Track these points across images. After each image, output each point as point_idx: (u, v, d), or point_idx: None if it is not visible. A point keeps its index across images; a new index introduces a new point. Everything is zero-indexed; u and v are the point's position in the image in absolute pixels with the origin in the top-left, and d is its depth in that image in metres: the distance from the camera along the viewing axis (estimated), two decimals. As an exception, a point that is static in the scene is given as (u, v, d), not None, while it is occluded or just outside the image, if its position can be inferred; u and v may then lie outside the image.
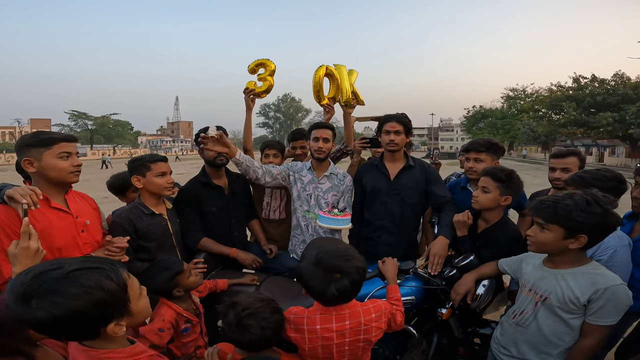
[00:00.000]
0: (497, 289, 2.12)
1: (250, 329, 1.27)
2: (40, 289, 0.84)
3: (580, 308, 1.44)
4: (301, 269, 1.34)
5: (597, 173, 1.87)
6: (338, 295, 1.29)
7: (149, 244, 2.04)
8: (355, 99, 2.89)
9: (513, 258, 1.80)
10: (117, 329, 0.93)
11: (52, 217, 1.61)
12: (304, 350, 1.38)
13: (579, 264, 1.48)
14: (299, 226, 2.54)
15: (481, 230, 2.07)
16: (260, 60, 2.64)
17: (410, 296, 1.87)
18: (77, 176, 1.70)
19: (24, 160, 1.60)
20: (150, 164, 2.08)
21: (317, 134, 2.49)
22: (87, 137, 60.67)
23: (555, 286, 1.48)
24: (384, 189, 2.42)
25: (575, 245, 1.41)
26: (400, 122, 2.36)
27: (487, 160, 2.32)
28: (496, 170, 1.99)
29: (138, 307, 0.99)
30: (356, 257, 1.34)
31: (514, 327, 1.63)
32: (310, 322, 1.36)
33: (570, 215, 1.38)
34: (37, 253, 1.31)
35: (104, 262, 0.95)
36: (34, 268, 0.88)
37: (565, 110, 27.65)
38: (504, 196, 1.95)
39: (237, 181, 2.63)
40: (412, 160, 2.45)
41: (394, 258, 1.82)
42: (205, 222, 2.42)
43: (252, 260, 2.41)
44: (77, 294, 0.85)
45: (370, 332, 1.40)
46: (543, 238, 1.46)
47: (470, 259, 1.92)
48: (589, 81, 28.00)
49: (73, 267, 0.88)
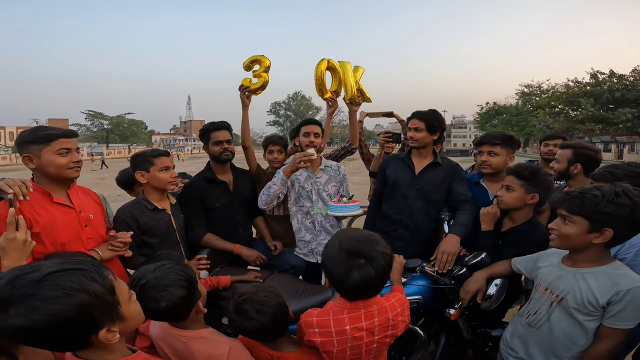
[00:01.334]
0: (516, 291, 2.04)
1: (248, 313, 1.28)
2: (16, 294, 0.76)
3: (598, 310, 1.36)
4: (324, 255, 1.27)
5: (628, 168, 1.80)
6: (361, 283, 1.18)
7: (152, 239, 2.03)
8: (361, 96, 2.82)
9: (527, 257, 1.72)
10: (109, 336, 0.85)
11: (55, 212, 1.60)
12: (331, 353, 1.29)
13: (601, 262, 1.39)
14: (301, 229, 2.53)
15: (506, 229, 1.98)
16: (255, 56, 2.59)
17: (417, 295, 1.80)
18: (76, 172, 1.68)
19: (24, 156, 1.60)
20: (153, 158, 2.07)
21: (307, 129, 2.52)
22: (103, 137, 61.96)
23: (574, 286, 1.40)
24: (407, 182, 2.32)
25: (599, 240, 1.33)
26: (422, 119, 2.27)
27: (501, 154, 2.21)
28: (520, 167, 1.90)
29: (130, 311, 0.91)
30: (382, 243, 1.25)
31: (526, 328, 1.56)
32: (337, 322, 1.26)
33: (596, 207, 1.30)
34: (25, 244, 1.29)
35: (85, 263, 0.86)
36: (8, 273, 0.81)
37: (582, 106, 27.10)
38: (530, 194, 1.85)
39: (242, 177, 2.61)
40: (441, 159, 2.35)
41: (401, 255, 1.75)
42: (210, 218, 2.41)
43: (256, 256, 2.39)
44: (57, 297, 0.77)
45: (397, 327, 1.34)
46: (566, 231, 1.38)
47: (482, 257, 1.84)
48: (607, 77, 27.40)
49: (51, 270, 0.80)
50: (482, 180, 2.34)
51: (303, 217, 2.53)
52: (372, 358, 1.36)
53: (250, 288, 1.38)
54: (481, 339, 2.01)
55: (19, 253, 1.26)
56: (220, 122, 2.49)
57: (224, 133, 2.45)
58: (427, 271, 1.87)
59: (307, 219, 2.51)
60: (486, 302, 1.77)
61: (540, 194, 1.86)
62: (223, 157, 2.43)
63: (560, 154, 2.24)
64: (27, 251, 1.29)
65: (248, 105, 2.65)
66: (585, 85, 28.93)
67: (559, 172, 2.26)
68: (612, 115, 25.19)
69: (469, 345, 1.97)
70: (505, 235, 1.97)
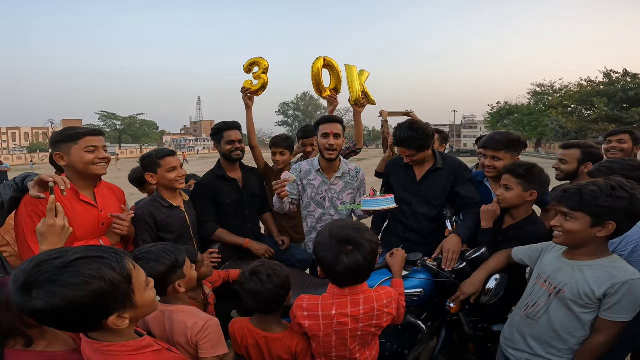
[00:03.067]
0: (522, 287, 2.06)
1: (259, 275, 1.49)
2: (40, 278, 0.81)
3: (594, 302, 1.39)
4: (316, 243, 1.40)
5: (624, 162, 1.84)
6: (350, 268, 1.29)
7: (169, 235, 2.11)
8: (366, 98, 2.85)
9: (533, 246, 1.72)
10: (119, 322, 0.89)
11: (79, 209, 1.71)
12: (318, 337, 1.40)
13: (599, 256, 1.42)
14: (312, 231, 2.51)
15: (507, 226, 2.01)
16: (253, 59, 2.69)
17: (418, 289, 1.83)
18: (103, 168, 1.78)
19: (55, 154, 1.73)
20: (159, 160, 2.15)
21: (326, 129, 2.29)
22: (115, 137, 62.94)
23: (571, 278, 1.43)
24: (410, 189, 2.29)
25: (603, 233, 1.36)
26: (410, 148, 2.13)
27: (505, 158, 2.14)
28: (515, 166, 1.93)
29: (144, 299, 0.95)
30: (368, 231, 1.37)
31: (524, 320, 1.59)
32: (325, 307, 1.38)
33: (596, 202, 1.33)
34: (63, 230, 1.36)
35: (108, 252, 0.91)
36: (37, 257, 0.86)
37: (596, 105, 26.64)
38: (528, 191, 1.89)
39: (250, 175, 2.69)
40: (442, 162, 2.25)
41: (402, 249, 1.81)
42: (220, 214, 2.50)
43: (265, 250, 2.46)
44: (76, 283, 0.82)
45: (382, 318, 1.41)
46: (570, 227, 1.39)
47: (482, 251, 1.88)
48: (621, 76, 26.92)
49: (76, 256, 0.85)
50: (485, 179, 2.34)
51: (314, 222, 2.49)
52: (358, 346, 1.44)
53: (272, 265, 1.58)
54: (483, 335, 2.04)
55: (57, 239, 1.34)
56: (233, 122, 2.57)
57: (236, 133, 2.53)
58: (428, 265, 1.90)
59: (318, 223, 2.48)
60: (486, 296, 1.80)
61: (538, 190, 1.90)
62: (234, 156, 2.51)
63: (568, 155, 2.25)
64: (64, 237, 1.37)
65: (251, 106, 2.75)
66: (598, 85, 28.54)
67: (568, 173, 2.26)
68: (625, 114, 24.76)
69: (471, 340, 2.00)
70: (505, 232, 2.00)
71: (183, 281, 1.42)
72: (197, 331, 1.34)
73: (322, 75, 2.73)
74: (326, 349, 1.42)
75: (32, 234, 1.53)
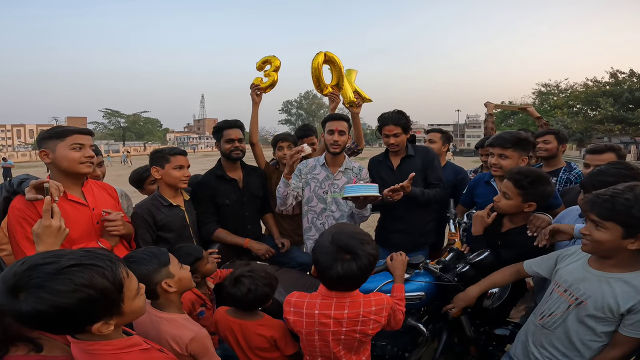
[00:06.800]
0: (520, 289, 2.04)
1: (241, 285, 1.59)
2: (30, 283, 0.80)
3: (615, 317, 1.30)
4: (316, 243, 1.40)
5: (617, 172, 1.68)
6: (342, 276, 1.29)
7: (168, 234, 2.10)
8: (360, 97, 2.78)
9: (545, 257, 1.64)
10: (102, 328, 0.89)
11: (68, 209, 1.63)
12: (301, 334, 1.41)
13: (630, 269, 1.30)
14: (311, 228, 2.53)
15: (506, 230, 1.96)
16: (266, 57, 2.72)
17: (419, 292, 1.81)
18: (88, 167, 1.71)
19: (41, 152, 1.67)
20: (170, 156, 2.14)
21: (332, 126, 2.41)
22: (120, 134, 63.18)
23: (597, 289, 1.33)
24: (389, 178, 2.45)
25: (635, 246, 1.24)
26: (397, 124, 2.40)
27: (513, 157, 2.08)
28: (520, 175, 1.80)
29: (132, 307, 0.96)
30: (371, 244, 1.35)
31: (540, 329, 1.51)
32: (309, 306, 1.39)
33: (629, 211, 1.20)
34: (59, 231, 1.34)
35: (103, 259, 0.89)
36: (30, 258, 0.84)
37: (601, 106, 26.45)
38: (527, 203, 1.81)
39: (252, 174, 2.66)
40: (413, 150, 2.52)
41: (403, 253, 1.79)
42: (220, 215, 2.48)
43: (266, 250, 2.45)
44: (66, 291, 0.81)
45: (367, 325, 1.39)
46: (599, 237, 1.28)
47: (485, 254, 1.84)
48: (627, 76, 26.70)
49: (69, 263, 0.83)
50: (492, 179, 2.29)
51: (314, 217, 2.52)
52: (343, 350, 1.42)
53: (260, 269, 1.70)
54: (485, 338, 2.02)
55: (53, 240, 1.32)
56: (234, 121, 2.56)
57: (236, 131, 2.51)
58: (430, 268, 1.88)
59: (318, 219, 2.51)
60: (488, 300, 1.78)
61: (538, 202, 1.83)
62: (233, 156, 2.49)
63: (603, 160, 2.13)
64: (60, 238, 1.35)
65: (258, 102, 2.75)
66: (604, 85, 28.27)
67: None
68: (631, 115, 24.56)
69: (472, 343, 1.98)
70: (505, 236, 1.96)
71: (172, 281, 1.38)
72: (185, 344, 1.31)
73: (322, 71, 2.67)
74: (310, 347, 1.44)
75: (23, 239, 1.51)
